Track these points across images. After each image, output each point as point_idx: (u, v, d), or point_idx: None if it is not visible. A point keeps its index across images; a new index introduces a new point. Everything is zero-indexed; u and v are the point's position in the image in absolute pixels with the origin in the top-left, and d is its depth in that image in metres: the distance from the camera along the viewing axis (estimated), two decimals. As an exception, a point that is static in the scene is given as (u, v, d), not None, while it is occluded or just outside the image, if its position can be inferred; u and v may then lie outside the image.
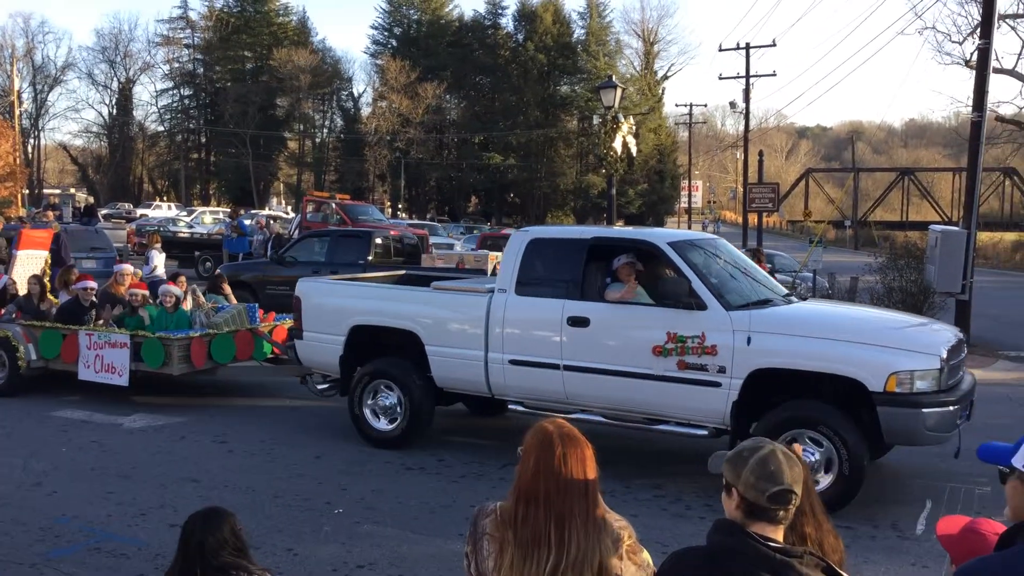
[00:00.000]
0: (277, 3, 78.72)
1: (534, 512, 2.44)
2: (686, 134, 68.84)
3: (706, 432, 7.17)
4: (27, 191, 61.12)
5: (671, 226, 66.09)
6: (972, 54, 17.38)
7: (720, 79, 41.72)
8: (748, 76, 39.74)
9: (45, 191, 68.62)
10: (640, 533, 2.70)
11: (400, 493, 7.10)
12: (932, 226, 17.46)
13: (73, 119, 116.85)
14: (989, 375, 12.73)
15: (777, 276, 11.63)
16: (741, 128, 43.53)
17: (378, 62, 72.21)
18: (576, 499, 2.44)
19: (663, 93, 76.52)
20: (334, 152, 75.80)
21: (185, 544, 3.27)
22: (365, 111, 74.68)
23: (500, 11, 73.10)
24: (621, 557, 2.51)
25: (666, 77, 77.87)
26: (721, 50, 46.33)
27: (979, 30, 16.09)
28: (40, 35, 79.29)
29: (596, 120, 40.33)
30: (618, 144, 18.55)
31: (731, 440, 6.95)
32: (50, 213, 27.62)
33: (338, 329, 8.67)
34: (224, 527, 3.28)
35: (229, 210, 36.33)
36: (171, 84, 79.31)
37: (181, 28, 78.78)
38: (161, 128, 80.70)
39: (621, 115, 19.14)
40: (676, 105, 76.60)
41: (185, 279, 11.89)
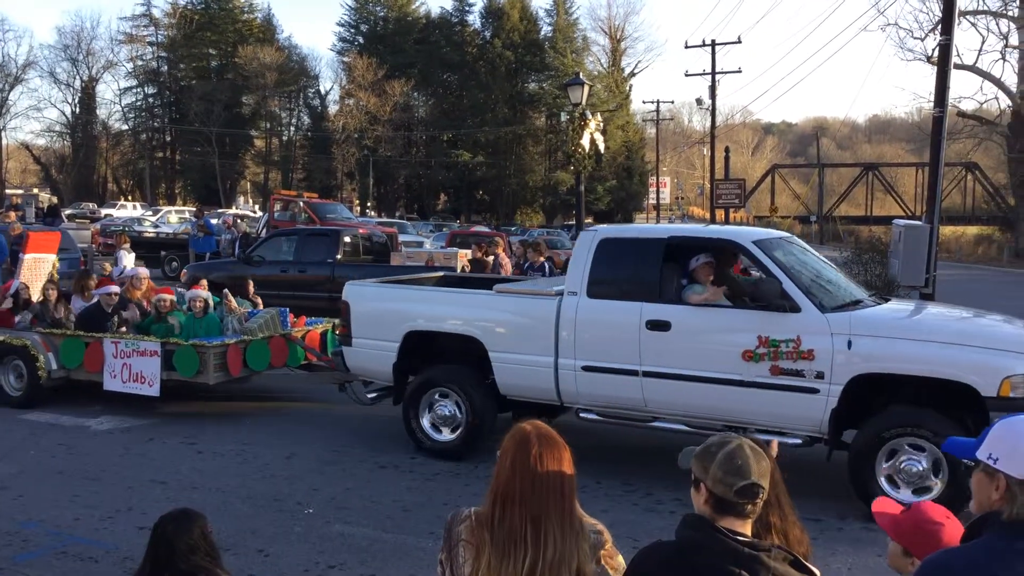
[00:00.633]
0: (241, 0, 78.09)
1: (511, 512, 2.43)
2: (654, 131, 69.32)
3: (799, 441, 6.75)
4: (-11, 191, 60.18)
5: (640, 222, 66.37)
6: (934, 50, 17.70)
7: (687, 76, 42.32)
8: (714, 73, 40.10)
9: (7, 191, 67.33)
10: (611, 528, 2.71)
11: (373, 492, 7.08)
12: (896, 220, 17.69)
13: (35, 118, 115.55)
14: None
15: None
16: (708, 124, 43.99)
17: (345, 59, 71.84)
18: (552, 499, 2.44)
19: (630, 90, 76.92)
20: (301, 150, 75.26)
21: (154, 547, 3.24)
22: (332, 109, 74.31)
23: (467, 8, 73.11)
24: (599, 561, 2.53)
25: (633, 74, 78.26)
26: (687, 47, 46.81)
27: (940, 26, 16.34)
28: (0, 33, 77.98)
29: (564, 117, 40.36)
30: (586, 141, 18.61)
31: (828, 452, 6.76)
32: (12, 214, 27.09)
33: (392, 335, 8.23)
34: (194, 529, 3.25)
35: (195, 209, 35.94)
36: (135, 82, 78.25)
37: (144, 25, 77.73)
38: (125, 127, 79.74)
39: (589, 112, 19.22)
40: (643, 102, 77.31)
41: (206, 282, 11.25)
